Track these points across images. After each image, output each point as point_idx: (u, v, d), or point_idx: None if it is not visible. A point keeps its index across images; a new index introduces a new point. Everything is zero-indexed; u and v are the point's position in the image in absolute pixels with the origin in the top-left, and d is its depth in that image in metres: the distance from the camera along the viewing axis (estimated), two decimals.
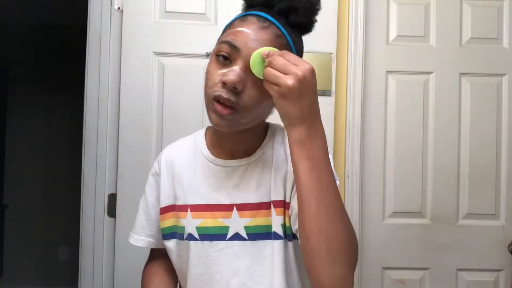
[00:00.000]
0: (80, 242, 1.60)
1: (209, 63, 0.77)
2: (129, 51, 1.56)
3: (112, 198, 1.57)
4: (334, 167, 0.75)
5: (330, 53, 1.58)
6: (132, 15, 1.56)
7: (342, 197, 1.59)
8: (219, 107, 0.72)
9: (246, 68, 0.71)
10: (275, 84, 0.64)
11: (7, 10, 3.22)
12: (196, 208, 0.84)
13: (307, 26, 0.79)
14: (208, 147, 0.87)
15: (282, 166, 0.81)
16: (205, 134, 0.91)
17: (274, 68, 0.64)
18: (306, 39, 0.83)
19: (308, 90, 0.64)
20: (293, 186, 0.78)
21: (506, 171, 1.66)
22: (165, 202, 0.88)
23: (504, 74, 1.67)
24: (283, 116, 0.67)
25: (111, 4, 1.59)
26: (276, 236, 0.79)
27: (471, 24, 1.67)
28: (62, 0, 2.91)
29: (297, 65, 0.64)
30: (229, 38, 0.73)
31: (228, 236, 0.81)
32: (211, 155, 0.85)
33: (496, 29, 1.67)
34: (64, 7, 3.01)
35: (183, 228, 0.84)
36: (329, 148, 0.69)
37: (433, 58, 1.66)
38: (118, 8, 1.58)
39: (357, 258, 0.70)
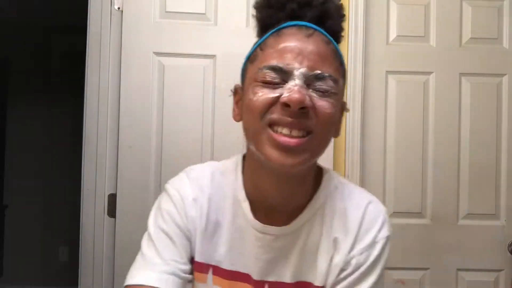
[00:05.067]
0: (80, 242, 1.60)
1: (245, 94, 0.63)
2: (129, 51, 1.56)
3: (112, 198, 1.57)
4: (334, 167, 0.71)
5: None
6: (132, 15, 1.56)
7: None
8: (284, 138, 0.57)
9: (309, 81, 0.59)
10: None
11: (7, 10, 3.22)
12: (222, 272, 0.69)
13: (339, 34, 0.68)
14: (247, 196, 0.69)
15: (334, 241, 0.67)
16: (242, 171, 0.71)
17: None
18: None
19: None
20: (338, 274, 0.67)
21: (506, 171, 1.66)
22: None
23: (504, 74, 1.67)
24: None
25: (111, 4, 1.59)
26: None
27: (471, 24, 1.67)
28: (62, 0, 2.91)
29: None
30: (272, 62, 0.59)
31: None
32: (250, 211, 0.68)
33: (496, 29, 1.67)
34: (64, 7, 3.01)
35: None
36: (329, 148, 0.68)
37: (433, 58, 1.66)
38: (118, 8, 1.58)
39: None
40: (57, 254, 3.63)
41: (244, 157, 0.72)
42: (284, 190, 0.65)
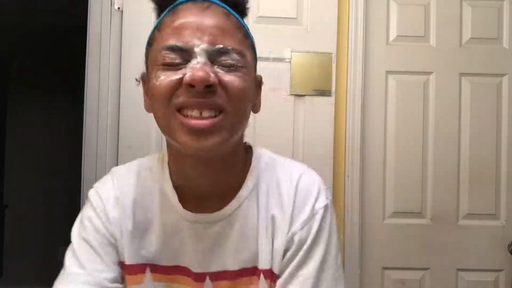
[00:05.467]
0: None
1: (149, 81, 0.60)
2: (129, 51, 1.56)
3: None
4: (334, 167, 0.68)
5: (330, 53, 1.58)
6: (132, 15, 1.56)
7: (342, 197, 1.59)
8: (194, 121, 0.54)
9: (212, 57, 0.56)
10: None
11: (7, 10, 3.22)
12: (160, 269, 0.65)
13: (242, 7, 0.63)
14: (174, 187, 0.66)
15: (272, 219, 0.65)
16: (168, 163, 0.67)
17: None
18: (306, 39, 0.81)
19: None
20: (284, 255, 0.64)
21: (506, 171, 1.66)
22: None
23: (504, 74, 1.67)
24: None
25: (111, 4, 1.59)
26: None
27: (471, 24, 1.67)
28: (62, 0, 2.91)
29: None
30: (169, 41, 0.56)
31: None
32: (178, 203, 0.65)
33: (496, 29, 1.67)
34: (64, 7, 3.01)
35: None
36: (329, 148, 0.67)
37: (433, 58, 1.66)
38: (118, 8, 1.58)
39: None
40: (57, 254, 3.63)
41: None
42: (210, 175, 0.62)
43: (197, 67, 0.54)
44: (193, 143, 0.55)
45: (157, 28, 0.60)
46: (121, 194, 0.67)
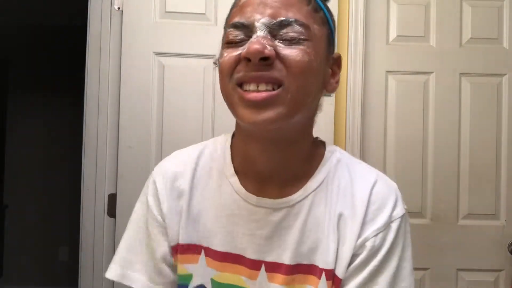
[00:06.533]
0: (80, 242, 1.60)
1: (220, 57, 0.59)
2: (129, 51, 1.56)
3: (112, 198, 1.57)
4: None
5: None
6: (132, 15, 1.56)
7: None
8: (251, 94, 0.53)
9: (272, 31, 0.54)
10: None
11: (7, 11, 3.22)
12: (213, 254, 0.63)
13: None
14: (236, 171, 0.64)
15: (340, 219, 0.61)
16: (231, 146, 0.66)
17: None
18: None
19: None
20: (351, 259, 0.60)
21: (506, 171, 1.66)
22: (173, 239, 0.65)
23: (504, 74, 1.67)
24: None
25: (111, 4, 1.59)
26: None
27: (471, 24, 1.67)
28: (62, 0, 2.91)
29: None
30: (234, 19, 0.57)
31: None
32: (240, 185, 0.63)
33: (496, 29, 1.67)
34: (64, 7, 3.01)
35: (189, 276, 0.63)
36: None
37: (433, 58, 1.66)
38: (118, 8, 1.58)
39: None
40: (57, 254, 3.63)
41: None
42: (273, 156, 0.60)
43: (253, 41, 0.53)
44: (249, 116, 0.54)
45: (231, 9, 0.60)
46: (180, 174, 0.66)
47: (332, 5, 1.79)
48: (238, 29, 0.55)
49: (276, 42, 0.54)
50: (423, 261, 1.64)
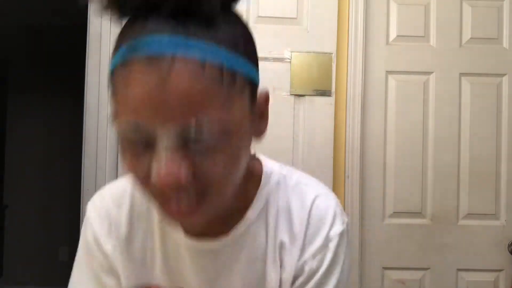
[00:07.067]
0: None
1: (121, 150, 0.47)
2: None
3: None
4: (334, 167, 0.63)
5: (330, 53, 1.58)
6: None
7: (342, 198, 1.59)
8: (172, 209, 0.47)
9: (182, 140, 0.43)
10: None
11: (7, 11, 3.22)
12: None
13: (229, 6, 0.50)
14: None
15: (281, 247, 0.60)
16: None
17: None
18: (306, 39, 0.77)
19: None
20: (292, 283, 0.59)
21: (506, 171, 1.66)
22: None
23: (504, 74, 1.67)
24: None
25: None
26: None
27: (471, 24, 1.67)
28: (62, 0, 2.91)
29: None
30: (125, 116, 0.43)
31: None
32: (178, 229, 0.59)
33: (496, 29, 1.67)
34: (64, 7, 3.01)
35: None
36: (329, 149, 0.65)
37: (433, 58, 1.66)
38: None
39: None
40: (57, 254, 3.63)
41: None
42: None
43: (162, 166, 0.42)
44: (178, 225, 0.56)
45: (111, 71, 0.49)
46: (116, 216, 0.64)
47: (332, 5, 1.78)
48: (134, 132, 0.43)
49: (189, 152, 0.43)
50: (423, 261, 1.64)
